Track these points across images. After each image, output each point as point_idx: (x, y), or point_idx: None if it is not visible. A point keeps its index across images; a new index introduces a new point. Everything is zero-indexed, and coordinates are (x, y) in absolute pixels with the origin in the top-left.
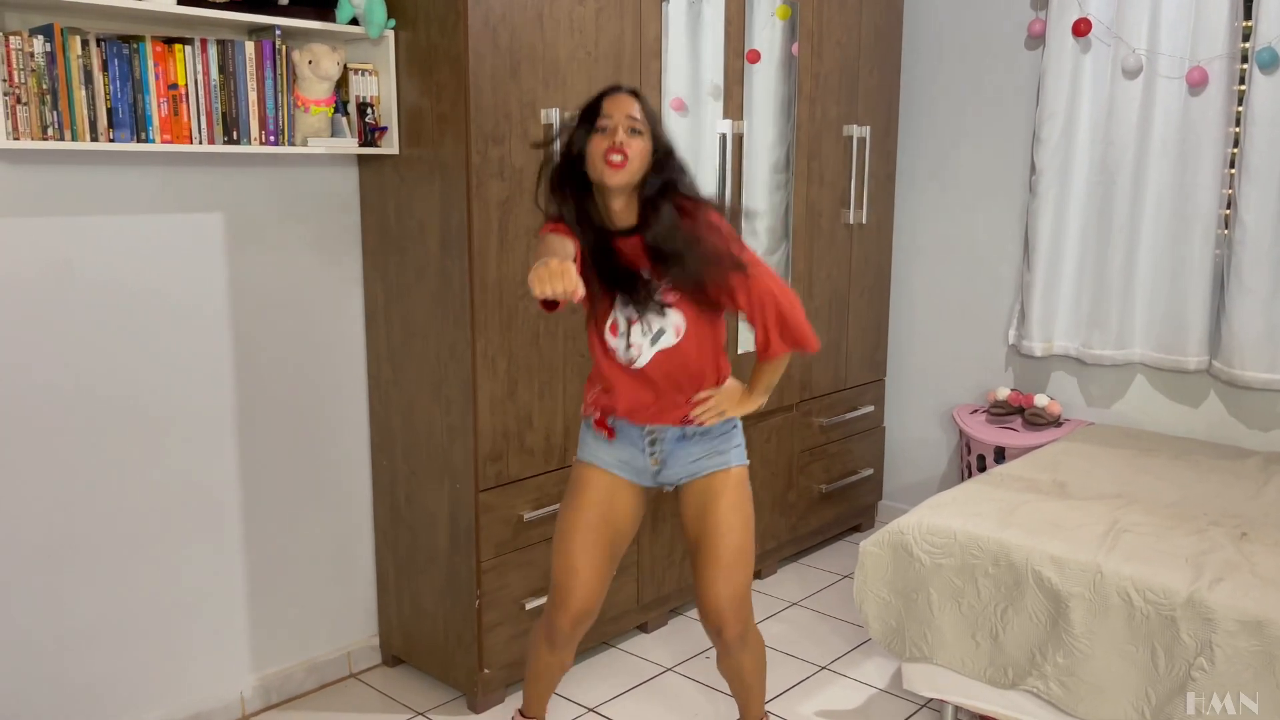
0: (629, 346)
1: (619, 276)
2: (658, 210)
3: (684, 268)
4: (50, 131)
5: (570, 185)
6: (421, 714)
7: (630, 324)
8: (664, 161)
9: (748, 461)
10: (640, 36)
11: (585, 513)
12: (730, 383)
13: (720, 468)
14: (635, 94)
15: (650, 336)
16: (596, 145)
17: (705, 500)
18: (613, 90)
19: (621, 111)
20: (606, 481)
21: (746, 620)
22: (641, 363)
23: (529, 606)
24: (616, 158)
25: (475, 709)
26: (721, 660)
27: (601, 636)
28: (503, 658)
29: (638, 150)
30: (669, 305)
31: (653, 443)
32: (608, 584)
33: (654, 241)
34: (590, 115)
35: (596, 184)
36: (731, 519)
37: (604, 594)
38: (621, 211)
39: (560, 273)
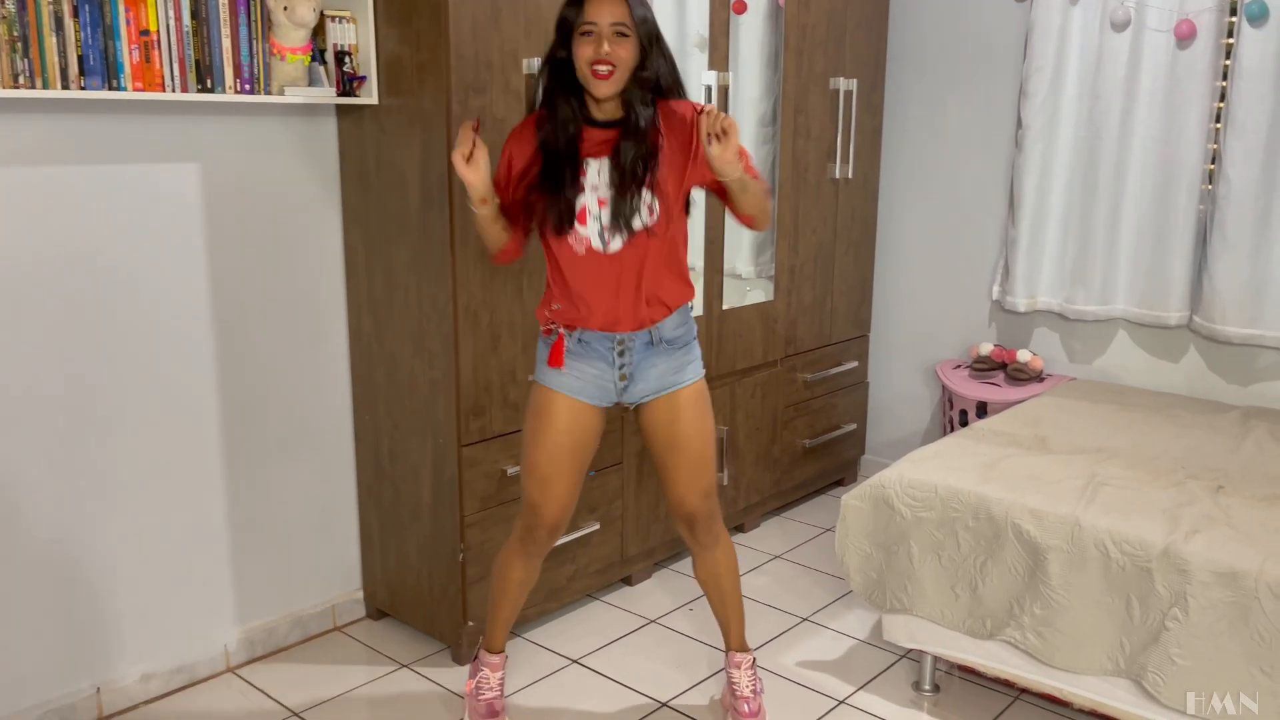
0: (602, 229)
1: (577, 157)
2: (638, 115)
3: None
4: (21, 79)
5: (560, 85)
6: (406, 666)
7: (601, 206)
8: (649, 57)
9: (702, 375)
10: None
11: (552, 439)
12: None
13: (683, 384)
14: None
15: (624, 217)
16: (582, 52)
17: (672, 415)
18: None
19: (606, 17)
20: (569, 407)
21: (714, 513)
22: (616, 246)
23: None
24: (603, 68)
25: (459, 661)
26: (698, 562)
27: (585, 589)
28: (486, 611)
29: (624, 58)
30: (646, 186)
31: (621, 353)
32: (577, 496)
33: (627, 145)
34: (575, 6)
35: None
36: (698, 428)
37: (574, 504)
38: (609, 109)
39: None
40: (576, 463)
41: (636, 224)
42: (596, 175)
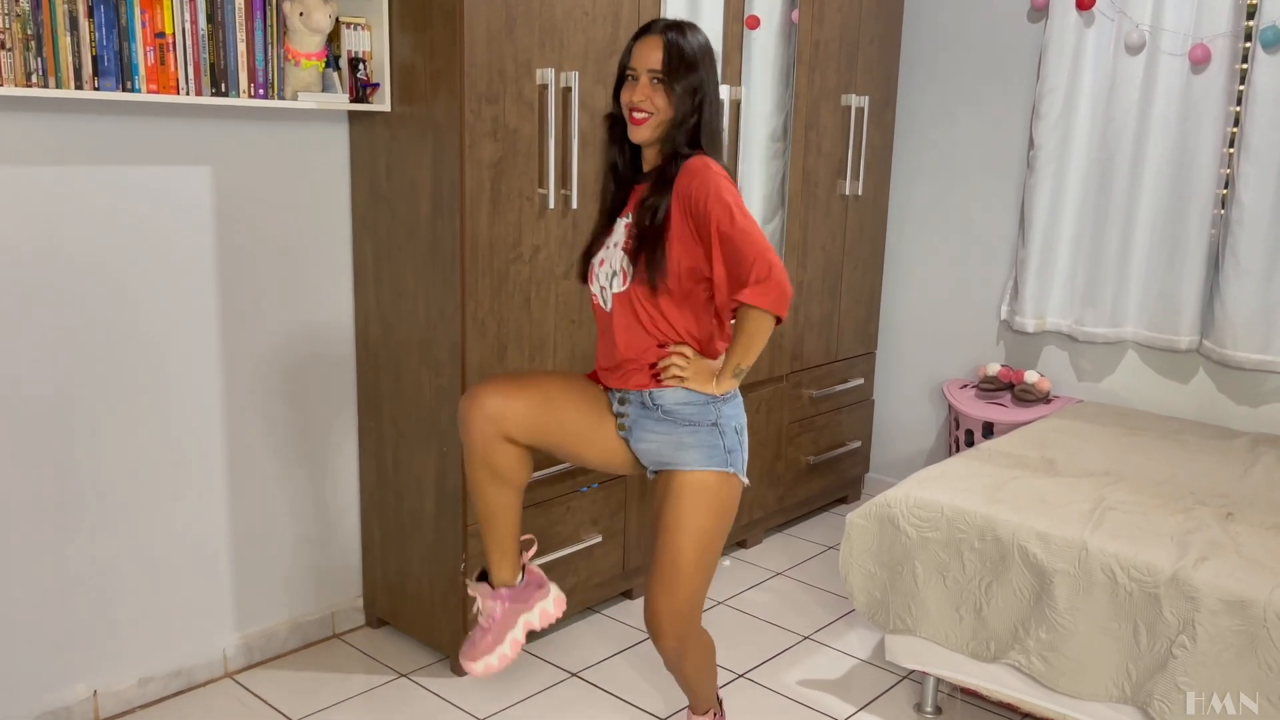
0: (600, 288)
1: (611, 215)
2: (665, 171)
3: (651, 251)
4: (34, 79)
5: (616, 137)
6: (404, 675)
7: (600, 265)
8: (689, 110)
9: (720, 469)
10: None
11: (573, 381)
12: (704, 361)
13: (680, 468)
14: (668, 32)
15: (608, 277)
16: (625, 95)
17: (661, 498)
18: (643, 31)
19: (644, 63)
20: (601, 396)
21: (683, 635)
22: (607, 305)
23: None
24: (638, 115)
25: (458, 672)
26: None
27: (586, 602)
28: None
29: (660, 106)
30: (620, 246)
31: (621, 401)
32: (523, 436)
33: (640, 208)
34: (627, 52)
35: None
36: (681, 526)
37: (519, 429)
38: (652, 158)
39: None
40: (556, 412)
41: (615, 287)
42: (616, 233)
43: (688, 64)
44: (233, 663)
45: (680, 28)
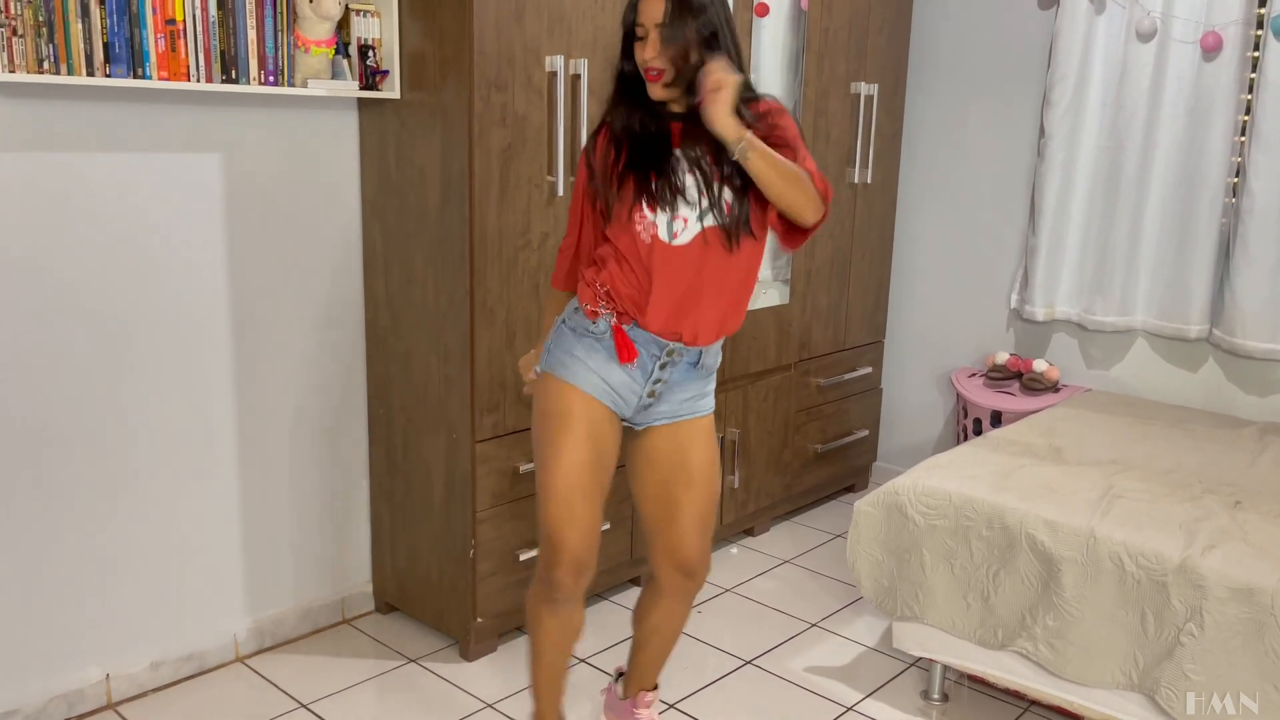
0: (673, 219)
1: (665, 151)
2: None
3: (750, 189)
4: (46, 65)
5: (626, 90)
6: (414, 660)
7: (675, 193)
8: (708, 49)
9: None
10: None
11: (578, 449)
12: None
13: (699, 413)
14: None
15: (697, 212)
16: (638, 54)
17: (685, 443)
18: None
19: (652, 18)
20: (593, 410)
21: (709, 567)
22: (684, 238)
23: (523, 558)
24: (652, 73)
25: (467, 657)
26: (653, 608)
27: (593, 589)
28: (496, 607)
29: (672, 58)
30: (727, 183)
31: (663, 366)
32: (601, 526)
33: (719, 149)
34: (631, 9)
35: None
36: (709, 471)
37: (599, 537)
38: (675, 105)
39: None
40: (600, 480)
41: (710, 220)
42: (680, 163)
43: (694, 9)
44: (244, 647)
45: None
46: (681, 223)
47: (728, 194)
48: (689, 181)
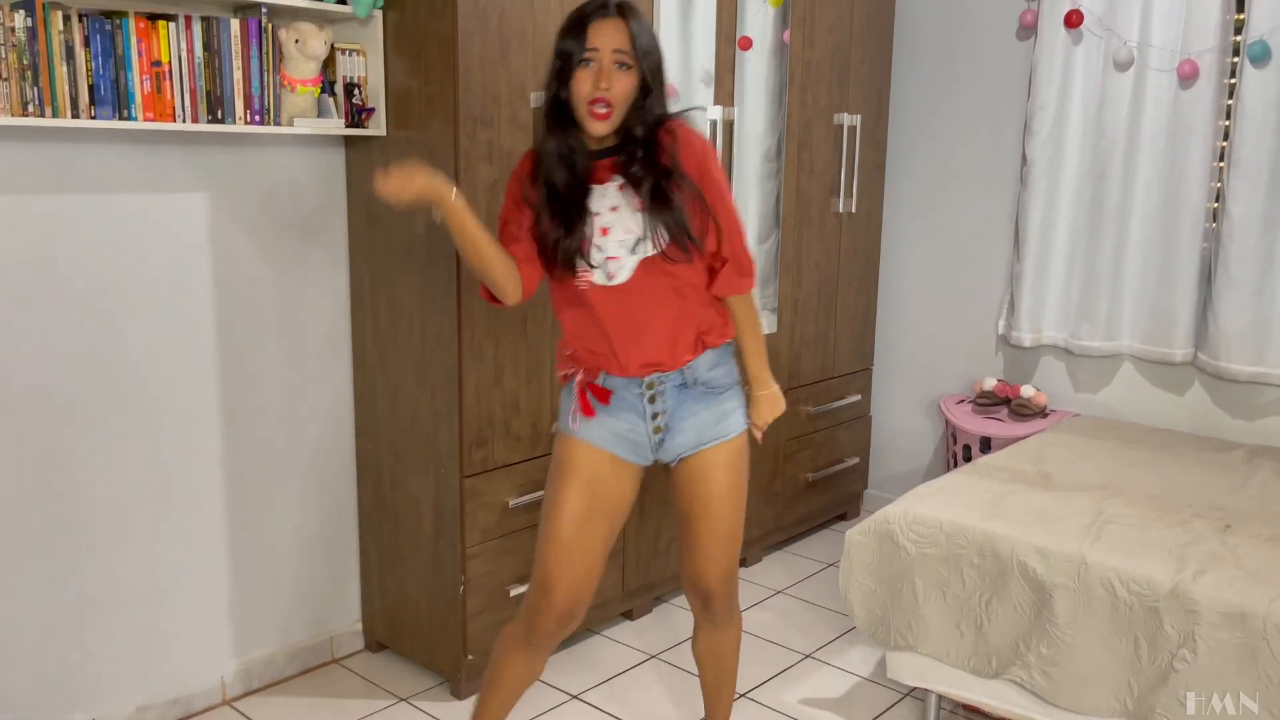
0: (606, 259)
1: (585, 194)
2: (638, 137)
3: (670, 212)
4: (30, 108)
5: (557, 122)
6: (404, 700)
7: (604, 234)
8: (650, 88)
9: (747, 423)
10: None
11: (575, 499)
12: (757, 395)
13: (723, 438)
14: (624, 12)
15: (629, 245)
16: (580, 83)
17: (703, 473)
18: (599, 11)
19: (609, 44)
20: (597, 460)
21: (734, 593)
22: (622, 276)
23: (513, 593)
24: (600, 109)
25: (458, 695)
26: (702, 637)
27: (586, 624)
28: (486, 644)
29: (623, 93)
30: (652, 209)
31: (653, 399)
32: (598, 580)
33: (636, 167)
34: (576, 36)
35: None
36: (731, 495)
37: (593, 592)
38: (605, 137)
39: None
40: (601, 532)
41: (643, 251)
42: (600, 202)
43: (650, 40)
44: (231, 689)
45: (625, 5)
46: (615, 263)
47: (655, 220)
48: (612, 220)
